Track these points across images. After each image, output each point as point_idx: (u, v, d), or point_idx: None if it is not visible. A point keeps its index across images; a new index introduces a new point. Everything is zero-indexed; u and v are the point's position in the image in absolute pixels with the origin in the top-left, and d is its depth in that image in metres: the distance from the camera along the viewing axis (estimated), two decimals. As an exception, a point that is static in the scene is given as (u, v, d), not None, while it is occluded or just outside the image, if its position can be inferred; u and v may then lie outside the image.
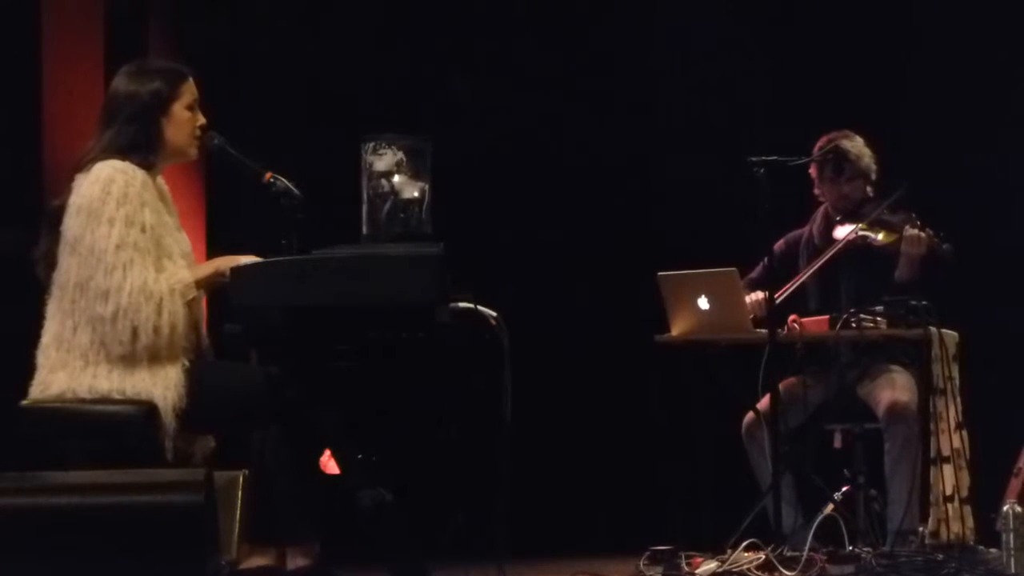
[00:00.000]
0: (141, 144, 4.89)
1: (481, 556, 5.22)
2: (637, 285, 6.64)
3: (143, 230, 4.78)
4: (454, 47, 7.81)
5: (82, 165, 4.86)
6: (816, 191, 6.61)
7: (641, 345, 6.42)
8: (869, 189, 6.53)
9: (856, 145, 6.51)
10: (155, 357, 4.75)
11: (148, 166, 4.89)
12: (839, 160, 6.48)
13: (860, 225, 6.36)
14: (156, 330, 4.73)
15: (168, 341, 4.75)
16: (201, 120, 5.00)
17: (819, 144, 6.53)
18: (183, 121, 4.96)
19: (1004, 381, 6.98)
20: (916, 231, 6.27)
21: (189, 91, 4.98)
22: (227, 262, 4.86)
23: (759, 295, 6.32)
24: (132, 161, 4.85)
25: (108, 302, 4.72)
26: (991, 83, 7.53)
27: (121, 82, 4.97)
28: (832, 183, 6.52)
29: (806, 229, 6.66)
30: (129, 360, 4.74)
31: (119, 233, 4.74)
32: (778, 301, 6.28)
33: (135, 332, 4.72)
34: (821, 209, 6.63)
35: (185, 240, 5.02)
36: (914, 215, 6.34)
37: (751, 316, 6.26)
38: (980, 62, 7.54)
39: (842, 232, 6.43)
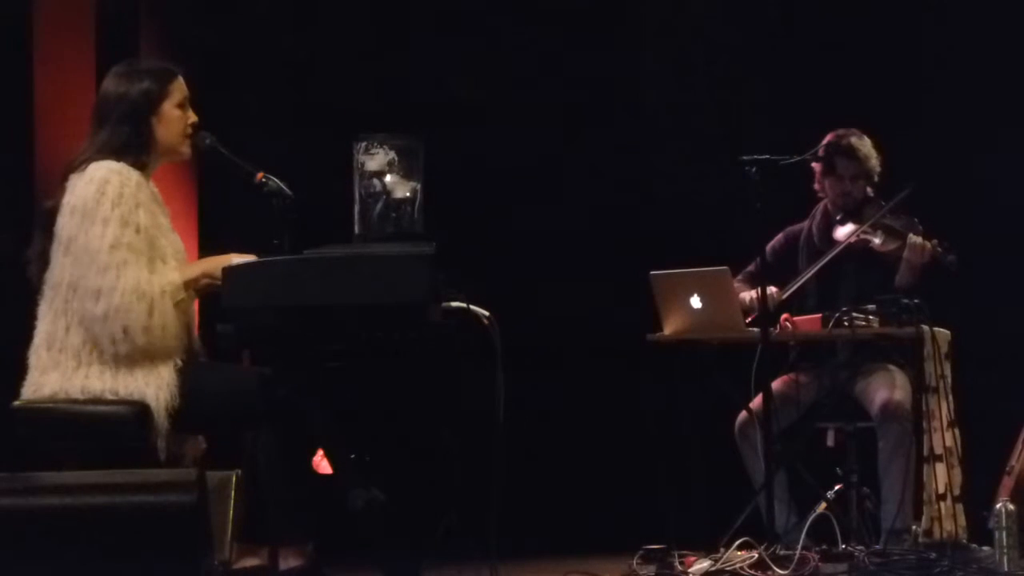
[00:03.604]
0: (134, 144, 4.90)
1: (474, 556, 5.22)
2: (629, 284, 6.63)
3: (137, 231, 4.79)
4: (448, 46, 7.81)
5: (76, 166, 4.86)
6: (816, 187, 6.60)
7: (633, 344, 6.42)
8: (870, 189, 6.53)
9: (865, 145, 6.50)
10: (146, 357, 4.75)
11: (141, 166, 4.90)
12: (847, 157, 6.46)
13: (863, 227, 6.35)
14: (147, 330, 4.74)
15: (160, 342, 4.75)
16: (192, 118, 5.00)
17: (827, 139, 6.51)
18: (173, 120, 4.96)
19: (996, 379, 6.98)
20: (920, 239, 6.27)
21: (179, 89, 4.98)
22: (214, 263, 4.86)
23: (772, 290, 6.28)
24: (126, 162, 4.86)
25: (100, 301, 4.73)
26: (986, 81, 7.54)
27: (111, 83, 4.98)
28: (836, 180, 6.51)
29: (805, 225, 6.65)
30: (120, 360, 4.74)
31: (114, 233, 4.75)
32: (784, 297, 6.30)
33: (126, 332, 4.72)
34: (821, 206, 6.63)
35: (178, 240, 5.03)
36: (916, 220, 6.34)
37: (753, 313, 6.24)
38: (976, 61, 7.55)
39: (842, 232, 6.43)
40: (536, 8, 7.89)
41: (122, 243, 4.75)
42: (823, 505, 6.10)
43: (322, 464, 4.89)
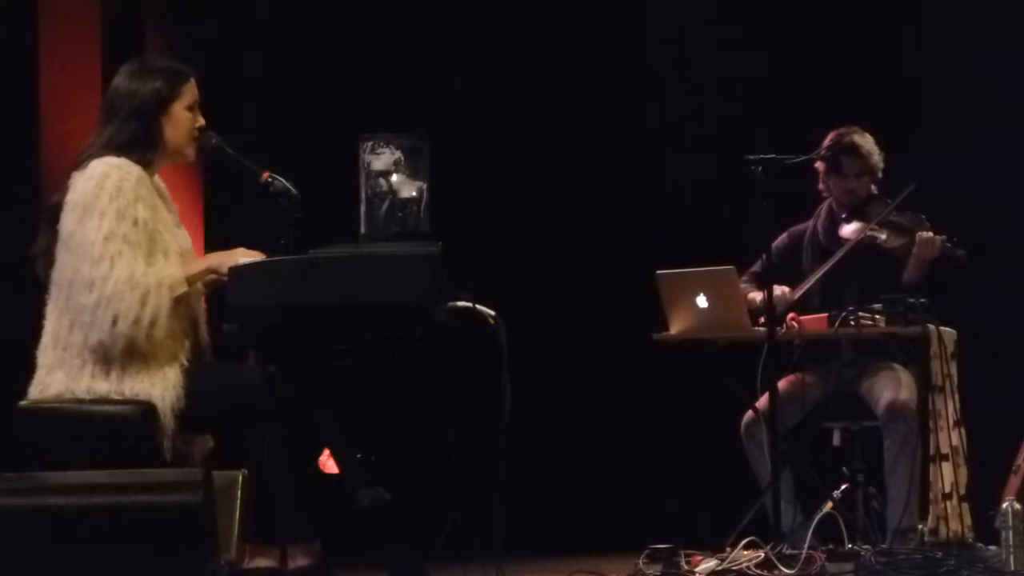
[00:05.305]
0: (140, 142, 4.89)
1: (479, 555, 5.21)
2: (635, 283, 6.63)
3: (135, 224, 4.77)
4: (452, 46, 7.80)
5: (79, 162, 4.86)
6: (821, 186, 6.59)
7: (639, 344, 6.42)
8: (874, 187, 6.52)
9: (867, 142, 6.50)
10: (147, 356, 4.73)
11: (145, 163, 4.90)
12: (850, 155, 6.46)
13: (871, 225, 6.35)
14: (136, 321, 4.71)
15: (148, 334, 4.71)
16: (200, 121, 4.99)
17: (829, 138, 6.50)
18: (182, 121, 4.95)
19: (1002, 378, 6.98)
20: (930, 235, 6.27)
21: (190, 92, 4.97)
22: (219, 258, 4.86)
23: (784, 290, 6.29)
24: (130, 158, 4.85)
25: (92, 292, 4.71)
26: (986, 81, 7.53)
27: (123, 79, 4.97)
28: (840, 178, 6.51)
29: (810, 224, 6.65)
30: (124, 360, 4.72)
31: (109, 225, 4.73)
32: (796, 297, 6.29)
33: (115, 321, 4.69)
34: (825, 204, 6.62)
35: (185, 236, 5.02)
36: (923, 217, 6.33)
37: (764, 314, 6.23)
38: (974, 61, 7.54)
39: (848, 230, 6.42)
40: (541, 7, 7.89)
41: (117, 235, 4.73)
42: (829, 504, 6.10)
43: (328, 463, 4.89)
